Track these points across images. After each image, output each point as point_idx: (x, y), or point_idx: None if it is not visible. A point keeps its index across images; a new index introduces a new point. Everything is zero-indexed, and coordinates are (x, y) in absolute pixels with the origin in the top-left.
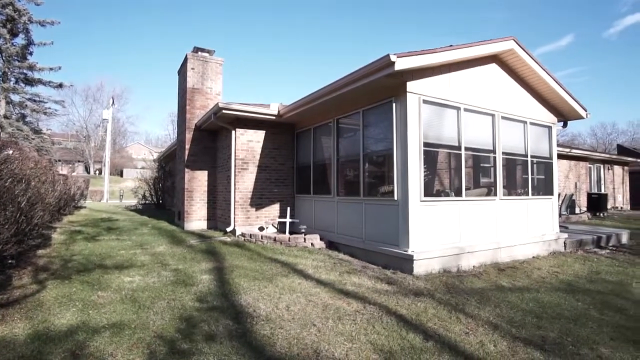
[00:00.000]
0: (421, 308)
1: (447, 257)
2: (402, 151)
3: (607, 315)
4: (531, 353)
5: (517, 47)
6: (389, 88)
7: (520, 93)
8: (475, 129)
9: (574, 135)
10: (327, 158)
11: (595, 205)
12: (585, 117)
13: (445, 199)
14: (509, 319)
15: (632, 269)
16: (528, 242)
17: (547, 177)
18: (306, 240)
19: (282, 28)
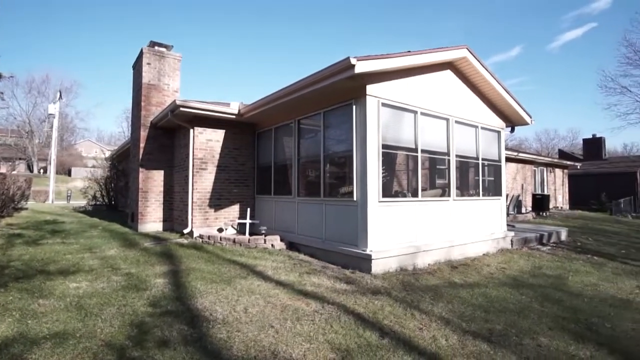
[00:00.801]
0: (378, 306)
1: (403, 255)
2: (362, 153)
3: (547, 307)
4: (479, 345)
5: (469, 56)
6: (350, 90)
7: (472, 99)
8: (431, 132)
9: (522, 140)
10: (288, 159)
11: (539, 205)
12: (530, 123)
13: (403, 200)
14: (460, 313)
15: (569, 264)
16: (479, 241)
17: (497, 179)
18: (266, 242)
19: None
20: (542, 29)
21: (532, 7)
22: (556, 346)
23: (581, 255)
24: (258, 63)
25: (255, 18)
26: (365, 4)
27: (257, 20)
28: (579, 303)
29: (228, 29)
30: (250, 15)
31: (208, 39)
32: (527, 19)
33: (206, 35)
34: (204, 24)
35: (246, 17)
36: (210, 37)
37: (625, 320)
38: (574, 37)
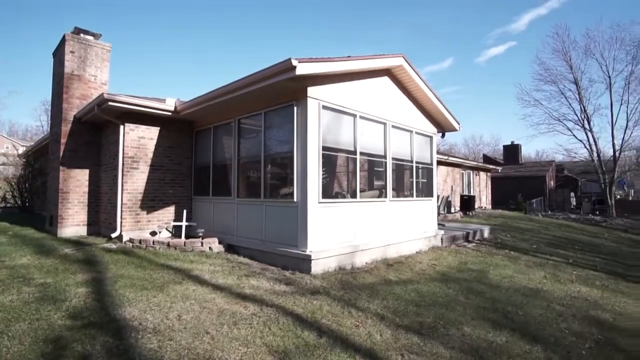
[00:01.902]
0: (317, 306)
1: (342, 255)
2: (302, 154)
3: (471, 299)
4: (411, 338)
5: (405, 64)
6: (291, 91)
7: (408, 105)
8: (369, 135)
9: (452, 144)
10: (227, 159)
11: (466, 205)
12: (458, 129)
13: (342, 201)
14: (394, 309)
15: (491, 259)
16: (413, 239)
17: (429, 181)
18: (204, 244)
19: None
20: (471, 44)
21: (464, 22)
22: (477, 334)
23: (500, 251)
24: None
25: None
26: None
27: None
28: (498, 294)
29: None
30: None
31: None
32: (459, 34)
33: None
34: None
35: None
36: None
37: (534, 307)
38: (497, 53)
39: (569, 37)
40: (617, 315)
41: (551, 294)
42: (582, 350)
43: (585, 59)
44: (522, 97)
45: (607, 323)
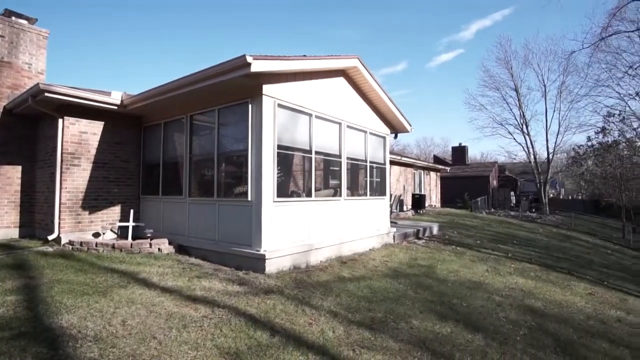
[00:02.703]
0: (270, 305)
1: (297, 254)
2: (257, 152)
3: (419, 293)
4: (362, 333)
5: (360, 66)
6: (246, 89)
7: (362, 106)
8: (325, 135)
9: (405, 145)
10: (179, 156)
11: (417, 203)
12: (410, 131)
13: (297, 200)
14: (346, 306)
15: (439, 254)
16: (366, 237)
17: (382, 180)
18: (152, 246)
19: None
20: (423, 50)
21: (418, 28)
22: (425, 326)
23: (448, 247)
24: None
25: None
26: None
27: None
28: (444, 287)
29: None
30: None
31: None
32: (412, 39)
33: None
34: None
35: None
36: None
37: (477, 299)
38: (447, 59)
39: (510, 48)
40: (547, 303)
41: (492, 286)
42: (517, 337)
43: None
44: (469, 102)
45: (539, 311)
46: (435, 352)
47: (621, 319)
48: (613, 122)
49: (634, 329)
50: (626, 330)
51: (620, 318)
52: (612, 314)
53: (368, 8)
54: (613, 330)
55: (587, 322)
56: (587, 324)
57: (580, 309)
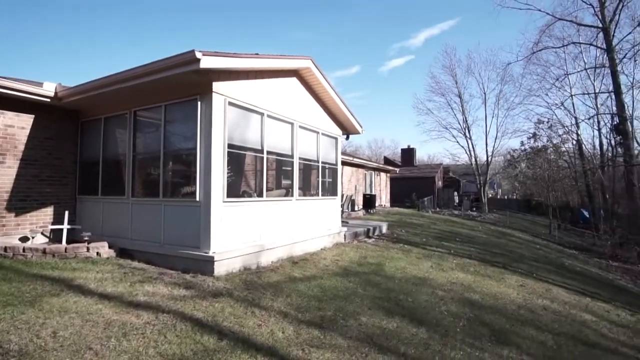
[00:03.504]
0: (219, 308)
1: (248, 255)
2: (206, 151)
3: (368, 290)
4: (312, 332)
5: (313, 67)
6: (195, 85)
7: (315, 107)
8: (277, 135)
9: (357, 146)
10: (121, 154)
11: (368, 203)
12: (361, 132)
13: (248, 200)
14: (297, 306)
15: (387, 252)
16: (318, 237)
17: (334, 181)
18: (90, 250)
19: None
20: (376, 54)
21: (371, 33)
22: (373, 323)
23: (396, 245)
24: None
25: None
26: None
27: None
28: (392, 284)
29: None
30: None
31: None
32: (366, 44)
33: None
34: None
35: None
36: None
37: (422, 294)
38: (398, 64)
39: (455, 56)
40: (484, 295)
41: (436, 281)
42: (457, 328)
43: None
44: (417, 106)
45: (477, 303)
46: (382, 347)
47: (546, 307)
48: (542, 129)
49: (556, 315)
50: (550, 317)
51: (545, 306)
52: (539, 303)
53: (322, 11)
54: (539, 317)
55: (518, 311)
56: (518, 313)
57: (512, 299)
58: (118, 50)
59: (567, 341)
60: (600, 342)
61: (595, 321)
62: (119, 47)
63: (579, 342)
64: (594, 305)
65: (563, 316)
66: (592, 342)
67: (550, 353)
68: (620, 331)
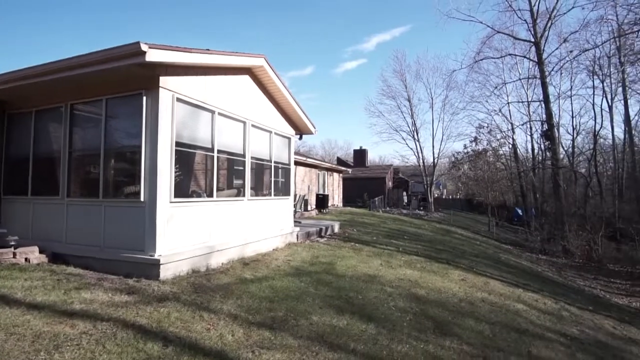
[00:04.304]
0: (164, 314)
1: (197, 257)
2: (152, 149)
3: (320, 289)
4: (262, 334)
5: (266, 65)
6: (140, 79)
7: (268, 106)
8: (229, 133)
9: (311, 146)
10: (55, 151)
11: (321, 203)
12: (314, 133)
13: (197, 200)
14: (247, 307)
15: (339, 251)
16: (270, 237)
17: (286, 180)
18: (17, 255)
19: None
20: (329, 56)
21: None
22: (324, 321)
23: (347, 244)
24: None
25: None
26: None
27: None
28: (343, 282)
29: None
30: None
31: None
32: (320, 45)
33: None
34: None
35: None
36: None
37: (371, 291)
38: (351, 67)
39: (405, 62)
40: (429, 290)
41: (385, 278)
42: (404, 322)
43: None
44: (369, 108)
45: (423, 298)
46: (333, 345)
47: (484, 299)
48: (483, 133)
49: (492, 306)
50: (487, 308)
51: (484, 298)
52: (478, 296)
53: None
54: (478, 309)
55: (459, 304)
56: (460, 306)
57: (454, 293)
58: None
59: (502, 329)
60: (529, 328)
61: (526, 310)
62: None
63: (512, 330)
64: (525, 295)
65: (499, 307)
66: (523, 329)
67: (486, 341)
68: (546, 318)
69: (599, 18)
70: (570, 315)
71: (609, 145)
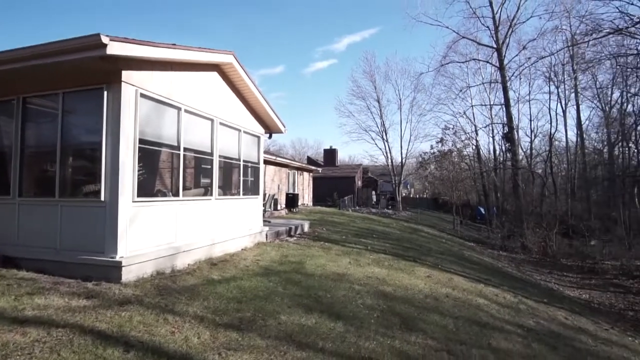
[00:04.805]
0: (126, 318)
1: (162, 258)
2: (113, 146)
3: (289, 289)
4: (230, 335)
5: (235, 62)
6: (101, 73)
7: (237, 104)
8: (196, 131)
9: (282, 145)
10: (6, 146)
11: (291, 202)
12: (284, 132)
13: (162, 199)
14: (214, 309)
15: (308, 250)
16: (239, 237)
17: (256, 180)
18: None
19: None
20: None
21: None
22: (292, 320)
23: (317, 243)
24: None
25: None
26: None
27: None
28: (312, 281)
29: None
30: None
31: None
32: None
33: None
34: None
35: None
36: None
37: (340, 289)
38: (322, 67)
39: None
40: (397, 287)
41: (353, 276)
42: (372, 319)
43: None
44: (340, 108)
45: (390, 295)
46: (301, 344)
47: (448, 295)
48: (448, 135)
49: (456, 301)
50: (451, 303)
51: (448, 294)
52: (443, 291)
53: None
54: (442, 304)
55: (425, 300)
56: (425, 302)
57: (420, 289)
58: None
59: (464, 323)
60: (490, 322)
61: (487, 304)
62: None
63: (473, 324)
64: (486, 290)
65: (462, 302)
66: (484, 322)
67: (450, 335)
68: (505, 311)
69: (554, 28)
70: (527, 308)
71: (563, 147)
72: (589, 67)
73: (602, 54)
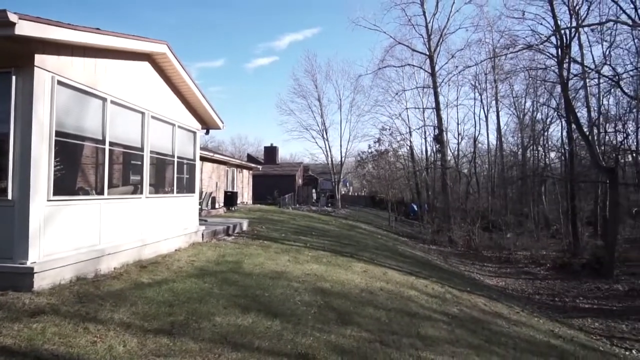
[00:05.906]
0: (38, 330)
1: (83, 262)
2: (24, 138)
3: (225, 289)
4: (160, 341)
5: (169, 53)
6: (9, 55)
7: (171, 97)
8: (124, 124)
9: (220, 142)
10: None
11: (229, 200)
12: (222, 128)
13: (84, 198)
14: (143, 314)
15: (247, 249)
16: (172, 237)
17: (191, 177)
18: None
19: None
20: (242, 51)
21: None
22: (228, 321)
23: (256, 241)
24: None
25: None
26: None
27: None
28: (250, 281)
29: None
30: None
31: None
32: (232, 38)
33: None
34: None
35: None
36: None
37: (278, 287)
38: (263, 63)
39: (316, 62)
40: (334, 283)
41: (292, 274)
42: (309, 316)
43: (326, 82)
44: (281, 106)
45: (328, 291)
46: (236, 345)
47: (382, 288)
48: (385, 135)
49: (389, 294)
50: (385, 296)
51: (382, 287)
52: (377, 285)
53: None
54: (377, 297)
55: (361, 294)
56: (361, 296)
57: (357, 284)
58: None
59: (397, 315)
60: (419, 312)
61: (417, 295)
62: None
63: (405, 314)
64: (417, 282)
65: (394, 294)
66: (414, 312)
67: (383, 327)
68: (433, 301)
69: (479, 40)
70: (452, 297)
71: (485, 149)
72: (507, 78)
73: (518, 67)
